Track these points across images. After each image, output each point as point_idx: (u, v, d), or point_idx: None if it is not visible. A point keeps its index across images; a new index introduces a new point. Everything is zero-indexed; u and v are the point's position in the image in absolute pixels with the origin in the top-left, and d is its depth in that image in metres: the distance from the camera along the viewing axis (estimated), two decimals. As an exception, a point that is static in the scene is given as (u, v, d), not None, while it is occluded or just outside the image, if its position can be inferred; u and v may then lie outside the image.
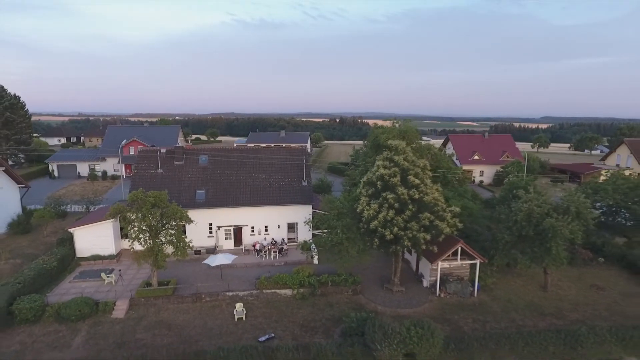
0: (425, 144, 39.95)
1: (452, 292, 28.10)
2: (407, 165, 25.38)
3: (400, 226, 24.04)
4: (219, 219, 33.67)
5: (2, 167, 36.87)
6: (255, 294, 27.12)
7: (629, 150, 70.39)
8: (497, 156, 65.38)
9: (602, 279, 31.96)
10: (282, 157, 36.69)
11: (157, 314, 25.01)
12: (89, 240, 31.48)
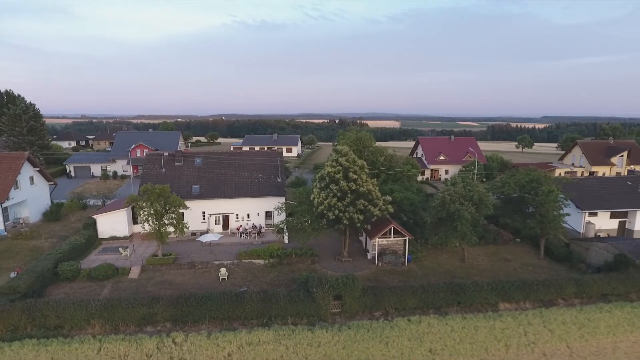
0: (379, 148, 48.33)
1: (387, 262, 36.56)
2: (348, 164, 33.89)
3: (341, 209, 32.57)
4: (210, 208, 42.36)
5: (37, 167, 45.76)
6: (236, 263, 35.69)
7: (581, 151, 78.64)
8: (461, 156, 73.74)
9: (513, 254, 40.37)
10: (261, 158, 45.41)
11: (162, 276, 33.61)
12: (108, 224, 40.21)
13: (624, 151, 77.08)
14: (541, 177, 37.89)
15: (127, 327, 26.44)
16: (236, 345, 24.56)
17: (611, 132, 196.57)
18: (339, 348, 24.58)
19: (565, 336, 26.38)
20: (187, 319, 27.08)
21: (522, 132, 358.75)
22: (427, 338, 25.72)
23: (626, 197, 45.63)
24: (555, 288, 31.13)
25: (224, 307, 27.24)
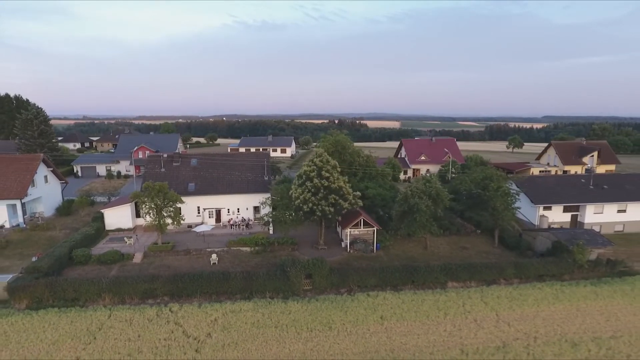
0: (357, 150, 53.51)
1: (358, 250, 41.77)
2: (322, 164, 39.16)
3: (314, 203, 37.84)
4: (204, 203, 47.71)
5: (50, 167, 51.20)
6: (226, 250, 40.99)
7: (555, 151, 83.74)
8: (441, 157, 78.89)
9: (472, 243, 45.57)
10: (250, 159, 50.80)
11: (161, 261, 38.91)
12: (114, 217, 45.60)
13: (594, 151, 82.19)
14: (493, 174, 43.08)
15: (132, 300, 31.80)
16: (221, 312, 29.94)
17: (601, 133, 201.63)
18: (306, 315, 29.89)
19: (496, 307, 31.64)
20: (182, 293, 32.43)
21: (520, 132, 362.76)
22: (380, 308, 31.03)
23: (578, 193, 50.78)
24: (497, 270, 36.37)
25: (212, 284, 32.61)
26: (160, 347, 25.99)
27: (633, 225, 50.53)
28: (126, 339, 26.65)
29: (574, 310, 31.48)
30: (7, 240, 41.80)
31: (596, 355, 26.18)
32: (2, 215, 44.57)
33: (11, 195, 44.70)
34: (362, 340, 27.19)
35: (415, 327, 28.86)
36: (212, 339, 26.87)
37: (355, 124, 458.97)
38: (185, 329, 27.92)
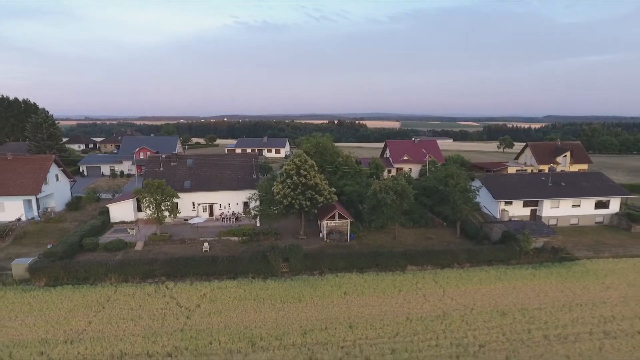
0: (337, 151, 58.85)
1: (334, 239, 47.15)
2: (300, 164, 44.56)
3: (293, 197, 43.25)
4: (198, 199, 53.20)
5: (61, 167, 56.82)
6: (217, 240, 46.43)
7: (531, 151, 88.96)
8: (423, 157, 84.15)
9: (437, 234, 50.90)
10: (240, 160, 56.23)
11: (159, 249, 44.38)
12: (118, 211, 51.12)
13: (567, 151, 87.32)
14: (453, 172, 48.41)
15: (134, 279, 37.27)
16: (209, 289, 35.46)
17: (591, 133, 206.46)
18: (281, 291, 35.37)
19: (444, 285, 37.04)
20: (176, 274, 37.87)
21: (518, 132, 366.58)
22: (345, 285, 36.50)
23: (537, 189, 56.03)
24: (451, 255, 41.72)
25: (202, 266, 38.10)
26: (158, 314, 31.47)
27: (586, 218, 55.78)
28: (129, 309, 32.18)
29: (511, 288, 36.84)
30: (24, 231, 47.45)
31: (520, 321, 31.50)
32: (19, 209, 50.16)
33: (27, 192, 50.32)
34: (326, 310, 32.62)
35: (372, 300, 34.27)
36: (201, 309, 32.36)
37: (355, 124, 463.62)
38: (178, 301, 33.44)
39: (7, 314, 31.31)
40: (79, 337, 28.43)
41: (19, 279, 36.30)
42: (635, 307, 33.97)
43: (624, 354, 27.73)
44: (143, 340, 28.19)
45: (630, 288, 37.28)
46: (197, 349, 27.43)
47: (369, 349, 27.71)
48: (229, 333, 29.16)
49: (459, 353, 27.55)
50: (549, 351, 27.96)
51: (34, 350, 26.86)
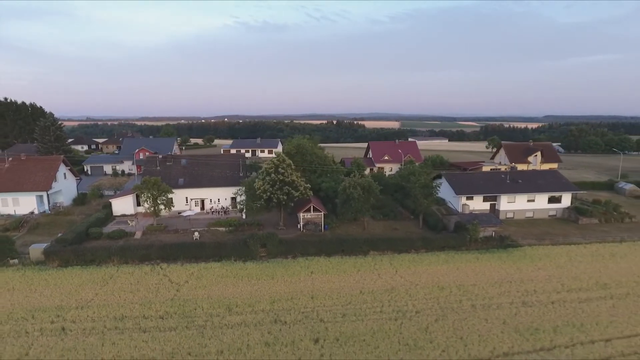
0: (315, 152, 65.13)
1: (309, 230, 53.41)
2: (279, 163, 50.86)
3: (272, 192, 49.54)
4: (191, 195, 59.57)
5: (68, 166, 63.27)
6: (206, 230, 52.75)
7: (505, 152, 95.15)
8: (402, 157, 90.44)
9: (403, 225, 57.07)
10: (229, 160, 62.55)
11: (156, 237, 50.67)
12: (120, 205, 57.50)
13: (537, 151, 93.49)
14: (416, 170, 54.65)
15: (133, 261, 43.58)
16: (197, 269, 41.84)
17: (577, 134, 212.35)
18: (258, 271, 41.71)
19: (397, 266, 43.32)
20: (169, 257, 44.17)
21: (515, 132, 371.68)
22: (312, 267, 42.83)
23: (496, 186, 62.22)
24: (409, 242, 47.97)
25: (192, 250, 44.46)
26: (152, 288, 37.83)
27: (541, 212, 61.96)
28: (129, 284, 38.56)
29: (455, 269, 43.10)
30: (37, 222, 53.90)
31: (454, 294, 37.73)
32: (32, 203, 56.59)
33: (39, 188, 56.78)
34: (293, 285, 38.94)
35: (333, 278, 40.58)
36: (189, 284, 38.72)
37: (353, 124, 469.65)
38: (170, 278, 39.82)
39: (28, 287, 37.73)
40: (87, 304, 34.82)
41: (35, 260, 42.70)
42: (556, 283, 40.21)
43: (532, 318, 33.96)
44: (140, 306, 34.57)
45: (557, 269, 43.53)
46: (184, 313, 33.78)
47: (324, 314, 34.03)
48: (210, 302, 35.51)
49: (398, 317, 33.85)
50: (471, 315, 34.23)
51: (52, 314, 33.25)
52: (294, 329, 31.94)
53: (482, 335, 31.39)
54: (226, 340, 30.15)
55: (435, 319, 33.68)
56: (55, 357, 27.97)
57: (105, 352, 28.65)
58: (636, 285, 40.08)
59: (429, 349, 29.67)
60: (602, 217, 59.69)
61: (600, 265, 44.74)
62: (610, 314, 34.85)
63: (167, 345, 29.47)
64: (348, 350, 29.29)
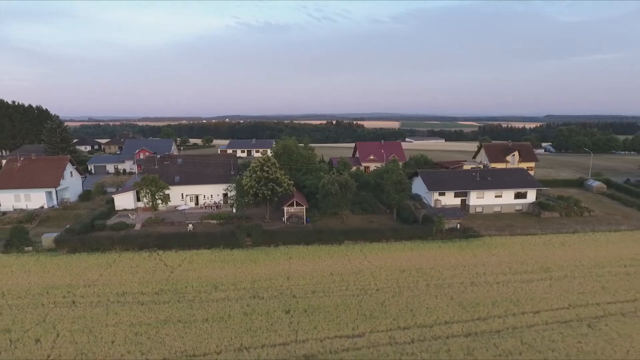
0: (301, 151, 70.74)
1: (292, 222, 58.98)
2: (264, 162, 56.48)
3: (258, 188, 55.15)
4: (186, 191, 65.24)
5: (74, 165, 69.06)
6: (200, 222, 58.37)
7: (485, 151, 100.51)
8: (387, 156, 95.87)
9: (379, 219, 62.53)
10: (221, 159, 68.21)
11: (154, 229, 56.29)
12: (121, 201, 63.21)
13: (515, 151, 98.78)
14: (389, 168, 60.15)
15: (133, 249, 49.24)
16: (189, 255, 47.50)
17: (567, 134, 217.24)
18: (243, 257, 47.33)
19: (367, 253, 48.88)
20: (165, 246, 49.80)
21: (512, 132, 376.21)
22: (291, 253, 48.44)
23: (466, 182, 67.66)
24: (379, 233, 53.50)
25: (185, 239, 50.12)
26: (150, 270, 43.49)
27: (507, 207, 67.38)
28: (129, 267, 44.23)
29: (417, 255, 48.63)
30: (47, 215, 59.68)
31: (413, 275, 43.20)
32: (42, 199, 62.39)
33: (48, 185, 62.57)
34: (272, 268, 44.53)
35: (309, 262, 46.16)
36: (181, 267, 44.37)
37: (352, 124, 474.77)
38: (165, 262, 45.49)
39: (42, 269, 43.46)
40: (93, 283, 40.52)
41: (47, 248, 48.44)
42: (504, 267, 45.71)
43: (476, 295, 39.45)
44: (139, 285, 40.25)
45: (509, 256, 49.04)
46: (176, 290, 39.42)
47: (297, 291, 39.63)
48: (199, 281, 41.15)
49: (360, 294, 39.41)
50: (424, 293, 39.77)
51: (63, 290, 38.95)
52: (269, 302, 37.57)
53: (429, 308, 36.96)
54: (211, 311, 35.80)
55: (392, 295, 39.25)
56: (68, 323, 33.67)
57: (109, 319, 34.34)
58: (575, 269, 45.57)
59: (382, 318, 35.24)
60: (563, 212, 65.00)
61: (549, 252, 50.22)
62: (545, 292, 40.36)
63: (161, 315, 35.14)
64: (313, 319, 34.87)
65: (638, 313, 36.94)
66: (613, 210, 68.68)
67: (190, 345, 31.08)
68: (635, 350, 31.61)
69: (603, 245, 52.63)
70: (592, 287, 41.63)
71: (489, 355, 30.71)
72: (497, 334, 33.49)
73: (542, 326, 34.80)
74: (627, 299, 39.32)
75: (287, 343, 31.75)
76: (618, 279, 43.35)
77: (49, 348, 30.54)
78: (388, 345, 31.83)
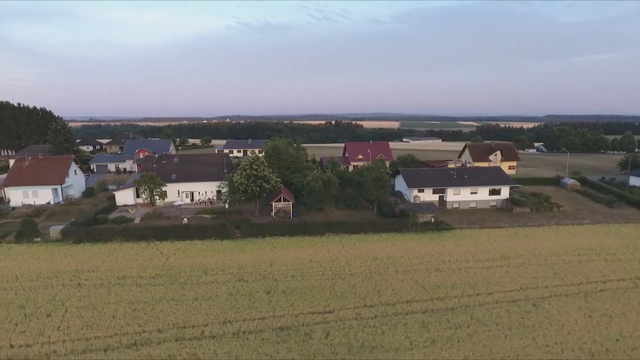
0: (290, 151, 75.48)
1: (280, 217, 63.72)
2: (253, 161, 61.27)
3: (247, 185, 59.95)
4: (182, 188, 70.10)
5: (78, 164, 73.98)
6: (194, 216, 63.18)
7: (468, 151, 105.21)
8: (375, 155, 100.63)
9: (362, 213, 67.22)
10: (215, 159, 73.06)
11: (152, 223, 61.10)
12: (122, 197, 68.08)
13: (497, 151, 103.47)
14: (371, 167, 64.87)
15: (133, 240, 54.06)
16: (183, 245, 52.35)
17: (559, 134, 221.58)
18: (232, 247, 52.14)
19: (345, 244, 53.64)
20: (162, 237, 54.58)
21: (509, 131, 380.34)
22: (276, 243, 53.25)
23: (444, 180, 72.39)
24: (358, 225, 58.25)
25: (180, 231, 54.96)
26: (147, 258, 48.32)
27: (482, 203, 72.09)
28: (129, 255, 49.07)
29: (391, 246, 53.33)
30: (53, 210, 64.59)
31: (384, 263, 47.90)
32: (48, 195, 67.31)
33: (54, 182, 67.49)
34: (258, 256, 49.31)
35: (291, 251, 50.94)
36: (176, 255, 49.19)
37: (351, 124, 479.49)
38: (161, 251, 50.31)
39: (50, 257, 48.32)
40: (97, 269, 45.35)
41: (54, 238, 53.32)
42: (468, 256, 50.39)
43: (439, 279, 44.13)
44: (137, 270, 45.08)
45: (474, 246, 53.74)
46: (171, 275, 44.22)
47: (278, 275, 44.39)
48: (191, 268, 45.95)
49: (334, 277, 44.17)
50: (392, 277, 44.50)
51: (70, 275, 43.79)
52: (253, 285, 42.37)
53: (395, 289, 41.73)
54: (200, 292, 40.60)
55: (362, 279, 44.01)
56: (74, 301, 38.51)
57: (111, 298, 39.18)
58: (532, 257, 50.28)
59: (351, 298, 40.01)
60: (533, 207, 69.68)
61: (512, 243, 54.92)
62: (501, 277, 45.08)
63: (156, 294, 39.96)
64: (290, 299, 39.63)
65: (580, 294, 41.67)
66: (582, 206, 73.35)
67: (181, 319, 35.88)
68: (569, 324, 36.34)
69: (563, 237, 57.30)
70: (545, 272, 46.33)
71: (441, 328, 35.47)
72: (450, 311, 38.23)
73: (492, 305, 39.51)
74: (574, 283, 44.03)
75: (265, 318, 36.54)
76: (570, 266, 48.03)
77: (58, 321, 35.40)
78: (354, 319, 36.60)
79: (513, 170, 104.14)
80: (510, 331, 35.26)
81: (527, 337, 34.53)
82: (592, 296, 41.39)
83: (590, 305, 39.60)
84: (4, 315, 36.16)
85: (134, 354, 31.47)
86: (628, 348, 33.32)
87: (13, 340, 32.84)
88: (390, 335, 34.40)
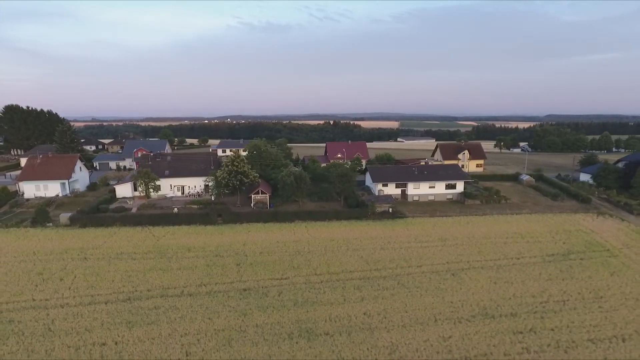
0: (269, 150, 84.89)
1: (258, 207, 73.18)
2: (234, 158, 70.81)
3: (228, 179, 69.48)
4: (174, 182, 79.73)
5: (83, 162, 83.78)
6: (184, 207, 72.77)
7: (439, 150, 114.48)
8: (352, 154, 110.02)
9: (331, 205, 76.37)
10: (204, 157, 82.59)
11: (147, 212, 70.71)
12: (121, 190, 77.79)
13: (465, 150, 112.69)
14: (337, 164, 74.27)
15: (130, 225, 63.63)
16: (172, 229, 61.96)
17: (542, 134, 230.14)
18: (213, 231, 61.73)
19: (310, 229, 63.12)
20: (154, 223, 64.11)
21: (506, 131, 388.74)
22: (251, 228, 62.80)
23: (405, 175, 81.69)
24: (324, 214, 67.66)
25: (170, 219, 64.57)
26: (141, 239, 57.97)
27: (440, 196, 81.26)
28: (126, 237, 58.73)
29: (348, 231, 62.70)
30: (62, 202, 74.36)
31: (339, 244, 57.31)
32: (57, 189, 77.05)
33: (62, 177, 77.21)
34: (234, 238, 58.87)
35: (262, 234, 60.47)
36: (165, 237, 58.82)
37: (349, 124, 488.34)
38: (153, 234, 59.95)
39: (60, 237, 58.03)
40: (99, 247, 55.02)
41: (64, 224, 63.03)
42: (411, 238, 59.68)
43: (381, 256, 53.46)
44: (132, 248, 54.73)
45: (420, 231, 63.06)
46: (160, 251, 53.82)
47: (248, 252, 53.94)
48: (177, 246, 55.57)
49: (295, 254, 53.66)
50: (342, 254, 53.96)
51: (77, 251, 53.46)
52: (226, 259, 51.97)
53: (342, 263, 51.22)
54: (183, 264, 50.23)
55: (318, 255, 53.52)
56: (81, 270, 48.18)
57: (111, 268, 48.85)
58: (465, 240, 59.55)
59: (305, 268, 49.55)
60: (484, 200, 78.87)
61: (453, 229, 64.19)
62: (433, 254, 54.45)
63: (147, 265, 49.61)
64: (255, 269, 49.21)
65: (494, 267, 50.97)
66: (529, 199, 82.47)
67: (166, 283, 45.55)
68: (475, 288, 45.74)
69: (499, 224, 66.55)
70: (471, 251, 55.65)
71: (371, 289, 45.00)
72: (383, 278, 47.72)
73: (418, 274, 48.96)
74: (492, 259, 53.28)
75: (233, 282, 46.19)
76: (494, 247, 57.29)
77: (69, 283, 45.13)
78: (304, 284, 46.17)
79: (480, 167, 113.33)
80: (426, 292, 44.77)
81: (438, 296, 44.06)
82: (503, 269, 50.75)
83: (498, 275, 48.99)
84: (27, 279, 45.94)
85: (128, 306, 41.20)
86: (515, 304, 42.80)
87: (35, 296, 42.64)
88: (329, 294, 43.99)
